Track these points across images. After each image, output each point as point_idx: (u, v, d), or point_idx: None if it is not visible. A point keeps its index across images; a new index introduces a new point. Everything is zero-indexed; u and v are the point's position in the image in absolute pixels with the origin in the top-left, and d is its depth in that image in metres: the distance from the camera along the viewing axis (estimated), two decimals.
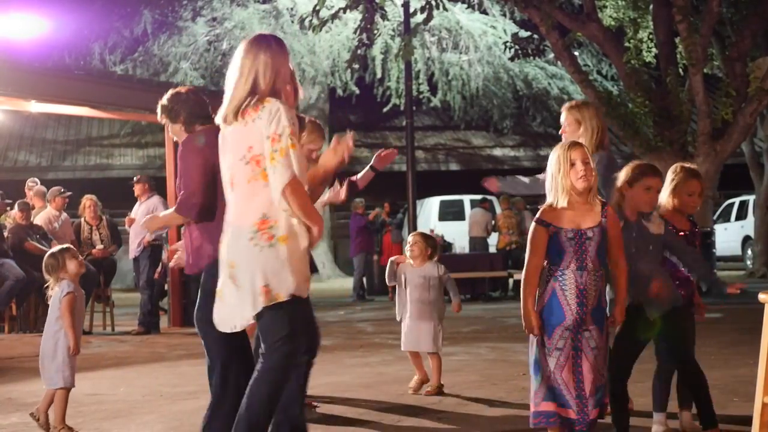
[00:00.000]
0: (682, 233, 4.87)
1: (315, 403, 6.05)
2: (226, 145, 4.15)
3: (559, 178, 4.36)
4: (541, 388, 4.37)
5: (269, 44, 4.12)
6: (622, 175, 4.77)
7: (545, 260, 4.41)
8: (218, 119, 4.17)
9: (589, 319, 4.36)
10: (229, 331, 4.17)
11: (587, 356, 4.34)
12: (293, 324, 4.06)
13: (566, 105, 5.73)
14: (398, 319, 6.81)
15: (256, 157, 3.98)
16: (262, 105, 3.99)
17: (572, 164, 4.34)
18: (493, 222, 19.14)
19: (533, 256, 4.40)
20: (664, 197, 4.88)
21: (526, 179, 6.06)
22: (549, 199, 4.43)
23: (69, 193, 12.24)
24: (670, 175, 4.94)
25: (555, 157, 4.40)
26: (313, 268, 5.59)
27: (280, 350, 4.05)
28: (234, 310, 4.09)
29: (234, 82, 4.09)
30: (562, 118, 5.65)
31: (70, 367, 5.48)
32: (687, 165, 5.03)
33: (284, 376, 4.09)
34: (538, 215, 4.44)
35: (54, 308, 5.50)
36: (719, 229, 22.12)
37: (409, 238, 6.85)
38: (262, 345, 4.12)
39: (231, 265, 4.07)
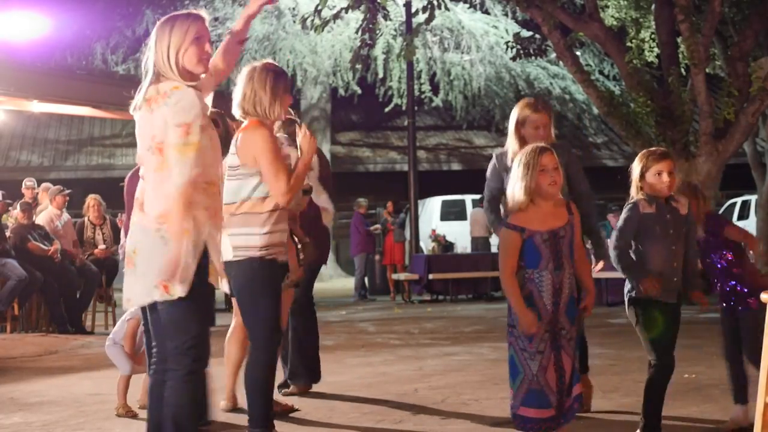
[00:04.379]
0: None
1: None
2: (138, 133, 4.03)
3: (527, 181, 4.34)
4: (519, 392, 4.35)
5: (164, 26, 3.95)
6: (636, 170, 4.80)
7: (519, 264, 4.39)
8: (131, 109, 4.03)
9: (562, 314, 4.36)
10: (131, 307, 4.32)
11: (566, 351, 4.37)
12: (196, 324, 3.90)
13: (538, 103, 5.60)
14: None
15: (159, 145, 3.86)
16: (170, 91, 3.85)
17: (542, 169, 4.35)
18: None
19: (508, 260, 4.37)
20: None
21: None
22: (514, 202, 4.40)
23: (69, 191, 12.26)
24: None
25: (524, 161, 4.37)
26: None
27: (189, 353, 3.87)
28: (134, 288, 3.91)
29: (145, 71, 3.98)
30: (537, 118, 5.50)
31: None
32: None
33: (199, 379, 3.93)
34: (508, 220, 4.44)
35: None
36: None
37: None
38: (170, 345, 3.89)
39: (134, 252, 3.90)
